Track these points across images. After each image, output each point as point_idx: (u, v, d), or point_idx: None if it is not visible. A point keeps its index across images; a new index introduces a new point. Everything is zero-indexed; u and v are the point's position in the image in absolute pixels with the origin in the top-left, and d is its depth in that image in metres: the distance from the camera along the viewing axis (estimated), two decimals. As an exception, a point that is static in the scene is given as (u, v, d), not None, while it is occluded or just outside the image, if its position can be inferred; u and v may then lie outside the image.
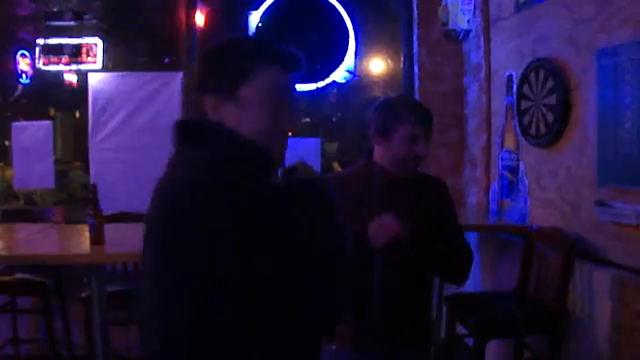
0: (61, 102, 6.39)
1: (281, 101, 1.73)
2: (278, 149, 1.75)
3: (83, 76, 5.72)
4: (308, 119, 8.21)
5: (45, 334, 4.71)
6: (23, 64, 5.84)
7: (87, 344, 4.42)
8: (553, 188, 4.09)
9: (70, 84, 6.06)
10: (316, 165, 5.22)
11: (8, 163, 6.06)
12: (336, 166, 6.82)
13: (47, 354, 4.74)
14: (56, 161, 5.73)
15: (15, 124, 5.66)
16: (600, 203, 3.51)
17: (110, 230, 3.60)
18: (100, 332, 3.79)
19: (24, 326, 5.08)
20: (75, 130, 6.44)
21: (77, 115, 6.52)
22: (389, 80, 6.35)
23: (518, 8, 4.57)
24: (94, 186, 3.51)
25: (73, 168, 6.39)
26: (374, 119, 2.79)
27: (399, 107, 2.76)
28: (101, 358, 3.82)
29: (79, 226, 4.23)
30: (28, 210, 5.60)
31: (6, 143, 6.20)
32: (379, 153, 2.79)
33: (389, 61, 6.30)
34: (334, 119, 8.13)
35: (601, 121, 3.54)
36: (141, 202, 5.64)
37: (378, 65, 6.36)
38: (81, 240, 3.74)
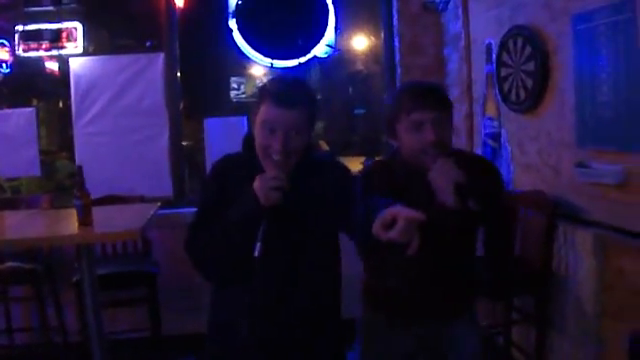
0: (43, 91, 6.37)
1: (271, 129, 2.29)
2: (275, 161, 2.30)
3: (64, 64, 5.70)
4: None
5: (38, 322, 4.73)
6: (2, 52, 5.81)
7: (81, 330, 4.44)
8: (534, 152, 4.14)
9: (52, 72, 6.04)
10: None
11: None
12: (323, 144, 6.82)
13: (42, 342, 4.77)
14: (41, 152, 5.71)
15: (-3, 112, 5.62)
16: (580, 165, 3.56)
17: (97, 212, 3.60)
18: (93, 315, 3.81)
19: (17, 315, 5.09)
20: (59, 119, 6.43)
21: (60, 104, 6.50)
22: (370, 54, 6.39)
23: (495, -23, 4.60)
24: (80, 167, 3.52)
25: (59, 158, 6.38)
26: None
27: (396, 97, 2.59)
28: (96, 342, 3.83)
29: (67, 210, 4.23)
30: (15, 198, 5.57)
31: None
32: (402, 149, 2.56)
33: (370, 35, 6.32)
34: (319, 97, 8.14)
35: (579, 85, 3.58)
36: (126, 184, 5.63)
37: (359, 40, 6.38)
38: (69, 223, 3.75)
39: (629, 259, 3.17)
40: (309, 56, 5.77)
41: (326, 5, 5.76)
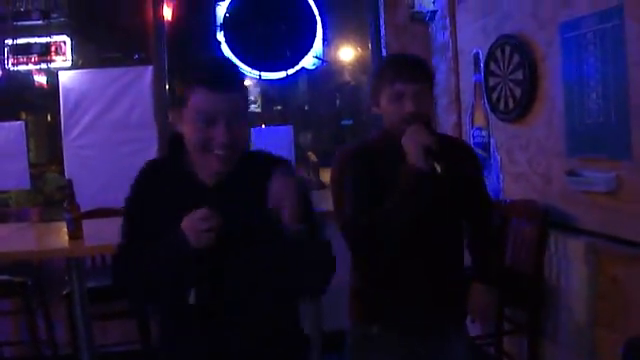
0: (32, 105, 6.36)
1: (209, 119, 1.93)
2: (217, 156, 1.96)
3: (53, 77, 5.68)
4: (279, 107, 8.20)
5: (28, 335, 4.70)
6: (-9, 66, 5.81)
7: (71, 342, 4.41)
8: (524, 161, 4.14)
9: (41, 86, 6.03)
10: (289, 154, 5.23)
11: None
12: (312, 156, 6.83)
13: (32, 355, 4.74)
14: (31, 165, 5.69)
15: (-14, 126, 5.58)
16: (570, 173, 3.57)
17: (88, 226, 3.60)
18: (83, 328, 3.80)
19: (7, 328, 5.05)
20: (48, 132, 6.41)
21: (49, 118, 6.49)
22: (358, 65, 6.40)
23: (482, -13, 4.62)
24: (70, 181, 3.51)
25: (48, 171, 6.36)
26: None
27: (380, 67, 2.69)
28: (86, 355, 3.82)
29: (57, 224, 4.22)
30: (4, 212, 5.56)
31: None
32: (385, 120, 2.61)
33: (357, 46, 6.34)
34: (306, 107, 8.16)
35: (567, 93, 3.60)
36: (116, 197, 5.62)
37: (347, 51, 6.40)
38: (59, 236, 3.74)
39: (622, 267, 3.17)
40: (297, 68, 5.79)
41: (314, 17, 5.79)
